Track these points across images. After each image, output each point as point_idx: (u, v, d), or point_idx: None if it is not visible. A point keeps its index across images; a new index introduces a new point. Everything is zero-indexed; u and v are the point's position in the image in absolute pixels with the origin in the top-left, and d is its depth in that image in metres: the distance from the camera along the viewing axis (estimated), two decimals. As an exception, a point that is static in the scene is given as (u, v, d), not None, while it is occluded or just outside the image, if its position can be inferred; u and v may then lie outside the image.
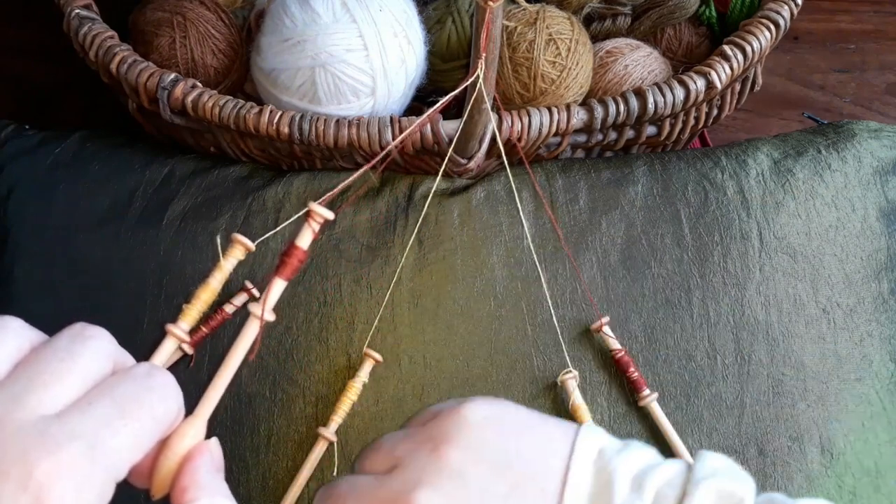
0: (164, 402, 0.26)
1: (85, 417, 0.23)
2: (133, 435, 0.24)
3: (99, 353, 0.25)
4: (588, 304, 0.43)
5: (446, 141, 0.44)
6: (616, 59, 0.52)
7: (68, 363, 0.24)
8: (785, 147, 0.49)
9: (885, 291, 0.45)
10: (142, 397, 0.25)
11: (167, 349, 0.29)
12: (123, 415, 0.24)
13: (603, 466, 0.28)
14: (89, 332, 0.25)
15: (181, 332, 0.29)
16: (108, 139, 0.50)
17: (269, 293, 0.30)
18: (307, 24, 0.46)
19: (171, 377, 0.27)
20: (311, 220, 0.31)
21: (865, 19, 0.75)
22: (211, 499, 0.25)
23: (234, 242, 0.30)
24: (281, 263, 0.30)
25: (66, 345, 0.25)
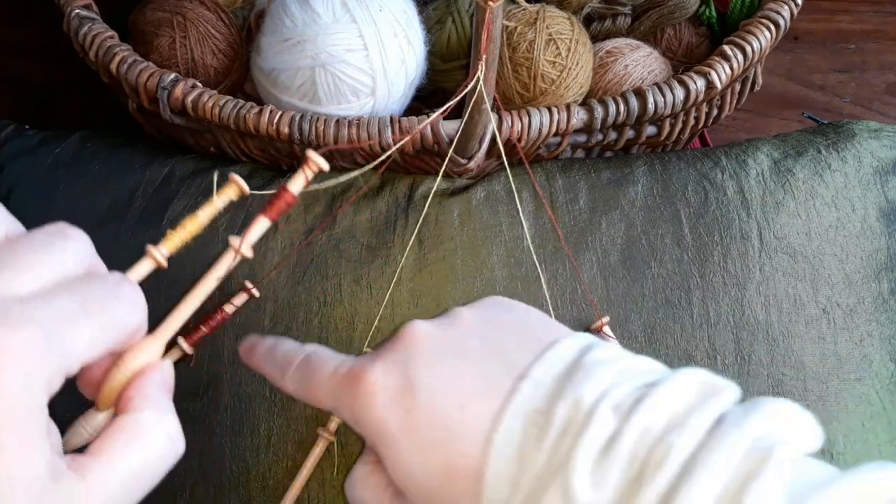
0: (128, 312, 0.26)
1: (47, 306, 0.22)
2: (91, 334, 0.23)
3: (75, 253, 0.25)
4: (588, 304, 0.43)
5: (446, 141, 0.44)
6: (616, 59, 0.52)
7: (41, 255, 0.24)
8: (785, 147, 0.49)
9: (885, 291, 0.45)
10: (107, 301, 0.25)
11: (143, 268, 0.29)
12: (85, 312, 0.23)
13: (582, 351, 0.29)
14: (70, 232, 0.26)
15: (159, 255, 0.29)
16: (108, 139, 0.50)
17: (251, 229, 0.30)
18: (307, 24, 0.46)
19: (140, 292, 0.27)
20: (307, 166, 0.31)
21: (865, 19, 0.75)
22: (154, 412, 0.25)
23: (231, 182, 0.30)
24: (269, 203, 0.31)
25: (43, 238, 0.25)
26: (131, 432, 0.25)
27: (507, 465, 0.26)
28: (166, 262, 0.30)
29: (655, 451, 0.24)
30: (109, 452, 0.24)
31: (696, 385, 0.28)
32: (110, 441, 0.24)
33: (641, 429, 0.25)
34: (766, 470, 0.23)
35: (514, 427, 0.26)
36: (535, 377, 0.27)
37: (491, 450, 0.26)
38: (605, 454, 0.25)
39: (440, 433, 0.27)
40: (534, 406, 0.26)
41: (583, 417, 0.25)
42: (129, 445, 0.24)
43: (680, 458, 0.24)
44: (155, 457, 0.25)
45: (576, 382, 0.26)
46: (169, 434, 0.25)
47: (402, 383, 0.28)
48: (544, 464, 0.26)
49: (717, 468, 0.24)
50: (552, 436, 0.26)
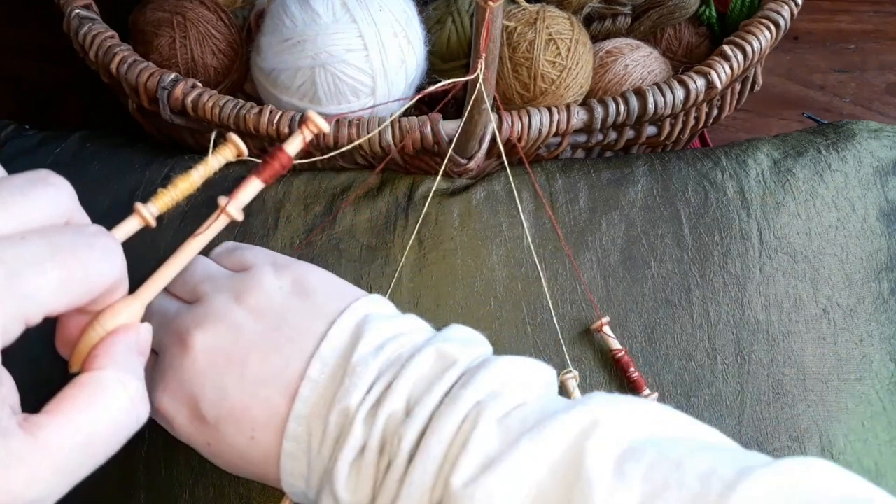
0: (102, 264, 0.24)
1: (14, 249, 0.21)
2: (59, 282, 0.22)
3: (54, 202, 0.24)
4: (588, 304, 0.43)
5: (446, 141, 0.44)
6: (616, 59, 0.52)
7: (17, 198, 0.23)
8: (785, 147, 0.49)
9: (885, 291, 0.45)
10: (80, 251, 0.23)
11: (130, 226, 0.28)
12: (54, 259, 0.22)
13: (361, 325, 0.32)
14: (51, 179, 0.25)
15: (148, 213, 0.28)
16: (108, 139, 0.50)
17: (241, 189, 0.28)
18: (307, 24, 0.46)
19: (119, 246, 0.25)
20: (305, 127, 0.29)
21: (865, 19, 0.75)
22: (117, 373, 0.24)
23: (228, 142, 0.29)
24: (263, 163, 0.29)
25: (22, 183, 0.24)
26: (91, 392, 0.23)
27: (297, 465, 0.30)
28: (154, 222, 0.28)
29: (393, 442, 0.28)
30: (64, 411, 0.22)
31: (433, 360, 0.31)
32: (67, 400, 0.22)
33: (384, 421, 0.29)
34: (475, 432, 0.27)
35: (297, 432, 0.30)
36: (312, 377, 0.31)
37: (283, 452, 0.30)
38: (359, 457, 0.29)
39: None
40: (312, 411, 0.30)
41: (348, 424, 0.29)
42: (86, 405, 0.23)
43: (408, 446, 0.28)
44: (113, 420, 0.23)
45: (344, 391, 0.30)
46: (130, 397, 0.24)
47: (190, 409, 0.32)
48: (322, 468, 0.29)
49: (435, 448, 0.27)
50: (327, 443, 0.29)
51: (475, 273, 0.44)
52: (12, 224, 0.22)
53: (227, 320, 0.32)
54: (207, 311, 0.33)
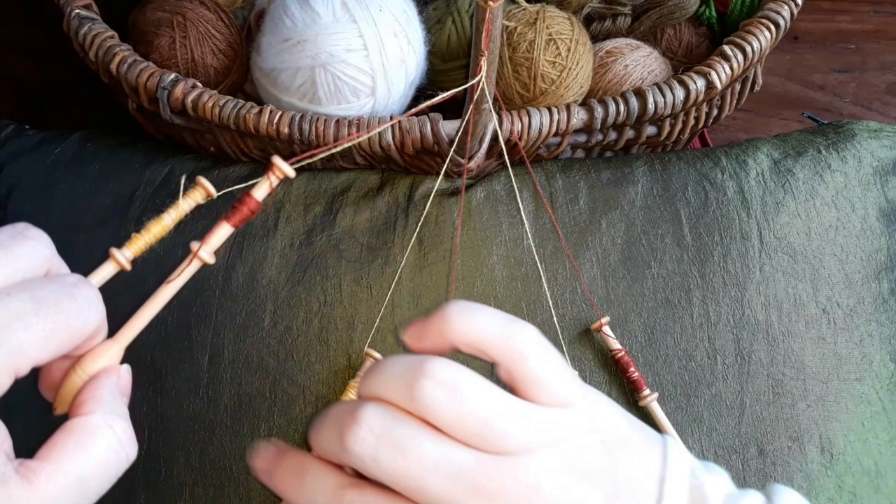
0: (84, 313, 0.25)
1: (0, 305, 0.22)
2: (44, 333, 0.23)
3: (34, 254, 0.25)
4: (588, 304, 0.43)
5: (446, 141, 0.44)
6: (616, 59, 0.52)
7: (1, 253, 0.24)
8: (785, 147, 0.49)
9: (885, 291, 0.45)
10: (62, 302, 0.24)
11: (106, 271, 0.29)
12: (38, 312, 0.23)
13: (697, 489, 0.28)
14: (30, 233, 0.26)
15: (123, 258, 0.29)
16: (108, 139, 0.50)
17: (212, 234, 0.30)
18: (307, 24, 0.46)
19: (98, 294, 0.26)
20: (271, 173, 0.30)
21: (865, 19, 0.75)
22: (105, 416, 0.25)
23: (197, 185, 0.30)
24: (232, 209, 0.30)
25: (3, 238, 0.25)
26: (80, 436, 0.24)
27: None
28: (129, 266, 0.29)
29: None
30: (57, 456, 0.23)
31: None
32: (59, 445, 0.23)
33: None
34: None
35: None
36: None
37: None
38: None
39: None
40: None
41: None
42: (77, 449, 0.24)
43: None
44: (104, 461, 0.24)
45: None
46: (119, 438, 0.25)
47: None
48: None
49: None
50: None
51: (475, 273, 0.44)
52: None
53: (558, 483, 0.26)
54: (531, 466, 0.26)
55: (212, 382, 0.41)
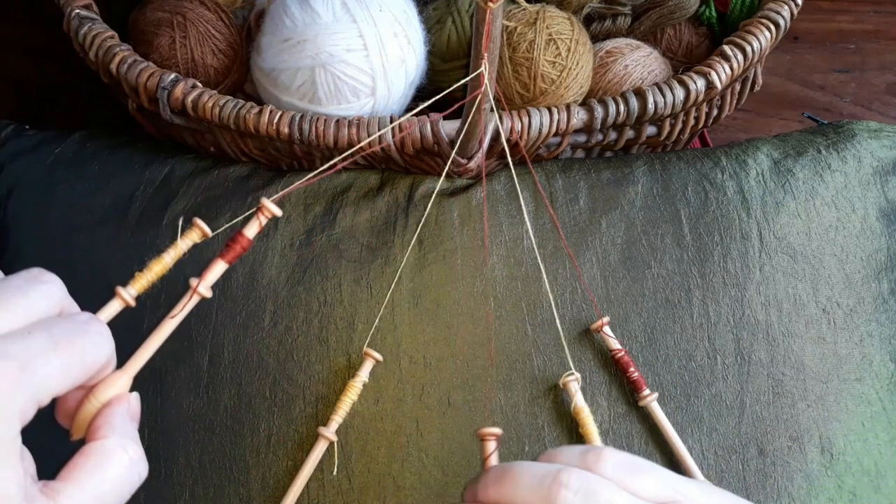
0: (96, 348, 0.28)
1: (21, 343, 0.25)
2: (62, 368, 0.26)
3: (49, 296, 0.28)
4: (588, 304, 0.43)
5: (447, 141, 0.44)
6: (616, 59, 0.52)
7: (19, 298, 0.26)
8: (785, 147, 0.49)
9: (885, 291, 0.45)
10: (76, 338, 0.27)
11: (113, 308, 0.32)
12: (56, 348, 0.26)
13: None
14: (45, 278, 0.28)
15: (128, 295, 0.32)
16: (108, 139, 0.50)
17: (209, 271, 0.33)
18: (307, 24, 0.46)
19: (107, 329, 0.29)
20: (261, 213, 0.33)
21: (865, 19, 0.75)
22: (119, 439, 0.28)
23: (193, 226, 0.33)
24: (226, 247, 0.33)
25: (20, 283, 0.27)
26: (98, 458, 0.27)
27: None
28: (134, 302, 0.32)
29: None
30: (78, 477, 0.26)
31: None
32: (79, 466, 0.26)
33: None
34: None
35: None
36: None
37: None
38: None
39: None
40: None
41: None
42: (95, 470, 0.26)
43: None
44: (119, 480, 0.27)
45: None
46: (132, 459, 0.28)
47: None
48: None
49: None
50: None
51: (475, 273, 0.44)
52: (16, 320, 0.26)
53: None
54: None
55: (212, 382, 0.41)
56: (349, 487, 0.40)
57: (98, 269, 0.44)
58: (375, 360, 0.41)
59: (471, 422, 0.41)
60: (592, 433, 0.39)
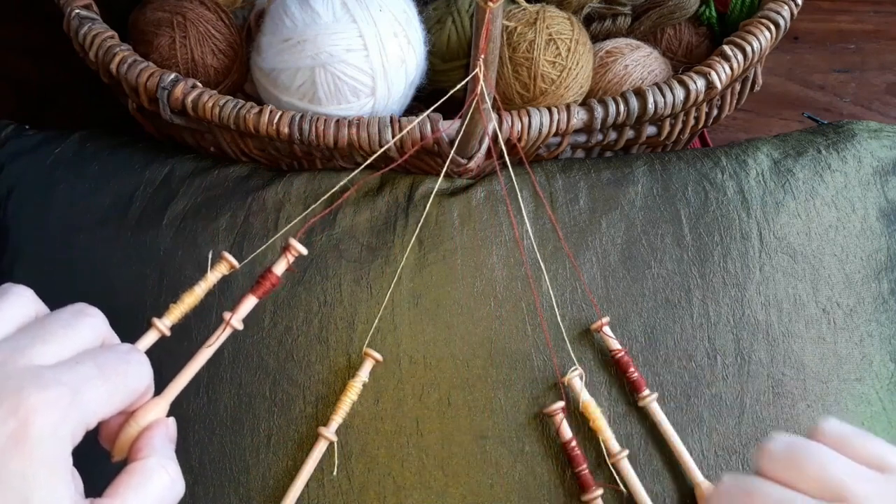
0: (137, 375, 0.31)
1: (72, 371, 0.27)
2: (108, 393, 0.28)
3: (94, 329, 0.30)
4: (588, 304, 0.43)
5: (446, 141, 0.44)
6: (616, 59, 0.52)
7: (68, 331, 0.29)
8: (785, 147, 0.49)
9: (885, 291, 0.45)
10: (120, 367, 0.30)
11: (150, 338, 0.35)
12: (102, 376, 0.28)
13: None
14: (89, 311, 0.31)
15: (164, 327, 0.35)
16: (108, 139, 0.50)
17: (241, 305, 0.36)
18: (307, 24, 0.46)
19: (146, 359, 0.32)
20: (289, 252, 0.36)
21: (865, 19, 0.75)
22: (159, 459, 0.30)
23: (222, 259, 0.36)
24: (256, 283, 0.37)
25: (68, 317, 0.30)
26: (140, 477, 0.29)
27: None
28: (169, 332, 0.35)
29: None
30: (123, 494, 0.28)
31: None
32: (123, 484, 0.29)
33: None
34: None
35: None
36: None
37: None
38: None
39: None
40: None
41: None
42: (138, 488, 0.29)
43: None
44: (160, 497, 0.29)
45: None
46: (171, 478, 0.30)
47: None
48: None
49: None
50: None
51: (475, 273, 0.44)
52: (65, 352, 0.28)
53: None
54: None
55: (212, 382, 0.41)
56: (349, 487, 0.40)
57: (98, 269, 0.44)
58: (375, 360, 0.41)
59: (471, 422, 0.41)
60: (603, 427, 0.39)
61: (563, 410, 0.40)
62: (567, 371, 0.41)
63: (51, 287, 0.44)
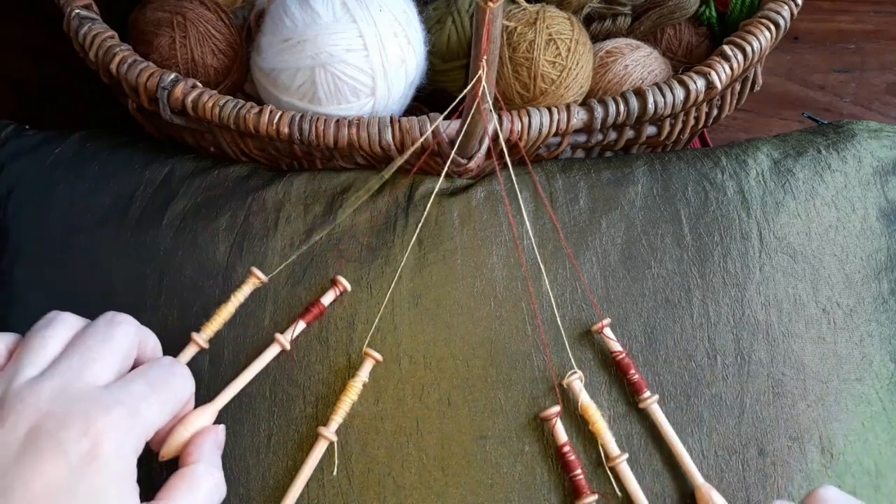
0: (183, 386, 0.35)
1: (126, 391, 0.31)
2: (160, 406, 0.32)
3: (129, 333, 0.34)
4: (588, 305, 0.43)
5: (447, 141, 0.44)
6: (616, 59, 0.52)
7: (108, 343, 0.32)
8: (785, 147, 0.49)
9: (885, 291, 0.45)
10: (167, 380, 0.33)
11: (190, 351, 0.39)
12: (154, 392, 0.32)
13: None
14: (119, 319, 0.34)
15: (202, 340, 0.39)
16: (108, 139, 0.50)
17: (292, 328, 0.41)
18: (307, 24, 0.46)
19: (188, 370, 0.36)
20: (336, 286, 0.42)
21: (865, 19, 0.75)
22: (207, 465, 0.33)
23: (252, 275, 0.41)
24: (307, 311, 0.42)
25: (103, 329, 0.33)
26: (189, 481, 0.32)
27: None
28: (207, 345, 0.40)
29: None
30: (174, 497, 0.31)
31: None
32: (174, 487, 0.32)
33: None
34: None
35: None
36: None
37: None
38: None
39: None
40: None
41: None
42: (188, 492, 0.32)
43: None
44: (206, 499, 0.33)
45: None
46: (216, 483, 0.33)
47: None
48: None
49: None
50: None
51: (475, 273, 0.44)
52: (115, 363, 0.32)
53: None
54: None
55: (212, 382, 0.41)
56: (349, 487, 0.40)
57: (98, 269, 0.44)
58: (375, 360, 0.41)
59: (471, 422, 0.41)
60: (602, 430, 0.39)
61: (557, 415, 0.40)
62: (566, 374, 0.41)
63: (51, 288, 0.44)
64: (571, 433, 0.40)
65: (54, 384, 0.29)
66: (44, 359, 0.31)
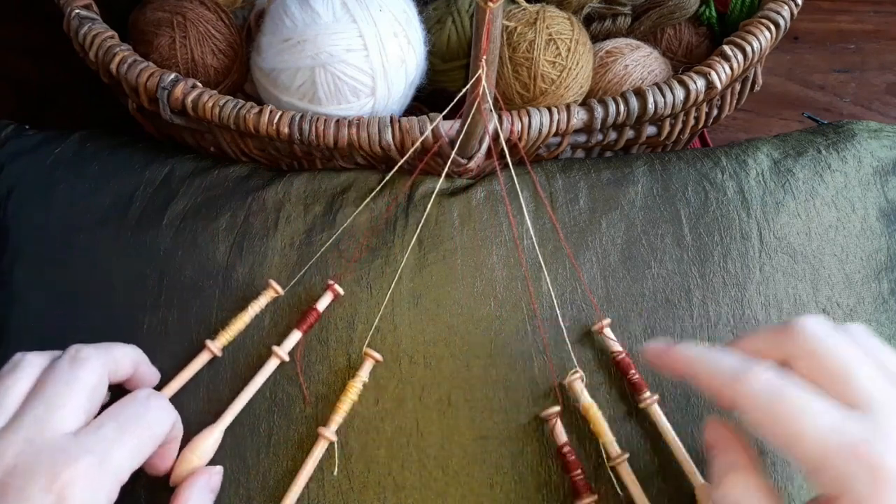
0: (159, 421, 0.33)
1: (96, 437, 0.30)
2: (134, 448, 0.31)
3: (94, 370, 0.32)
4: (588, 304, 0.43)
5: (447, 141, 0.44)
6: (616, 59, 0.52)
7: (72, 385, 0.31)
8: (785, 147, 0.49)
9: (885, 291, 0.45)
10: (141, 417, 0.32)
11: (203, 358, 0.40)
12: (125, 433, 0.31)
13: None
14: (82, 355, 0.33)
15: (215, 348, 0.40)
16: (108, 139, 0.50)
17: (287, 340, 0.41)
18: (307, 24, 0.46)
19: (165, 400, 0.35)
20: (331, 290, 0.42)
21: (865, 19, 0.75)
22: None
23: (268, 287, 0.42)
24: (301, 319, 0.41)
25: (67, 369, 0.32)
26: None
27: None
28: (220, 353, 0.40)
29: None
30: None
31: None
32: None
33: None
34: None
35: None
36: None
37: None
38: None
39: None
40: None
41: None
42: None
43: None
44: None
45: None
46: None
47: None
48: None
49: None
50: None
51: (475, 273, 0.44)
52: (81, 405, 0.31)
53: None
54: None
55: (212, 382, 0.41)
56: (349, 487, 0.40)
57: (98, 269, 0.44)
58: (375, 360, 0.41)
59: (471, 422, 0.41)
60: (603, 430, 0.39)
61: (557, 415, 0.40)
62: (567, 373, 0.41)
63: (51, 288, 0.44)
64: (571, 433, 0.40)
65: (19, 437, 0.29)
66: (7, 409, 0.30)
